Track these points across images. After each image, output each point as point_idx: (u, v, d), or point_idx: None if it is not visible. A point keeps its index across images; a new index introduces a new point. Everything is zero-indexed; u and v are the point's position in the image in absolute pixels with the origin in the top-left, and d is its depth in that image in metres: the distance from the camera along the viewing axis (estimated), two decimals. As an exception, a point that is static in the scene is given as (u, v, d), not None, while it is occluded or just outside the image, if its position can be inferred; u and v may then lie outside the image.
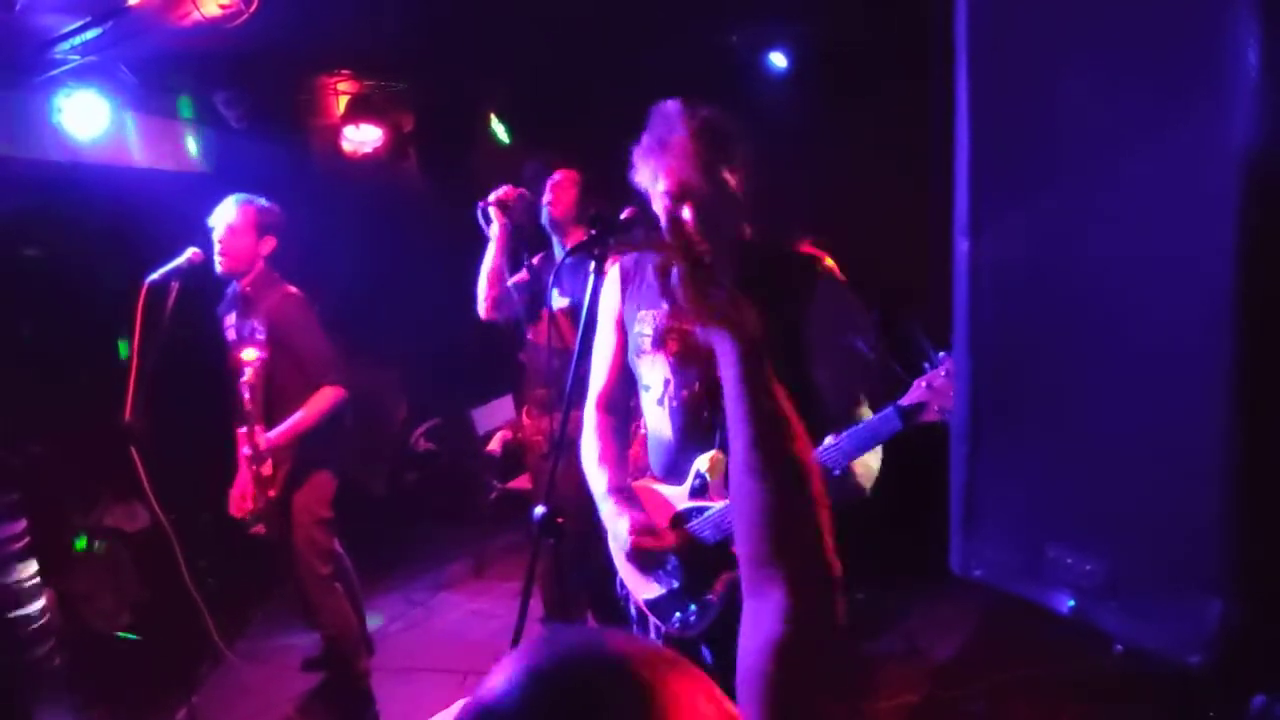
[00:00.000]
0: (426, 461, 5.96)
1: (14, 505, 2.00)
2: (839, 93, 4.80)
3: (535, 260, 3.43)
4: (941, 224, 1.02)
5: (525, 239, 3.48)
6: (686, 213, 1.92)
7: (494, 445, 5.21)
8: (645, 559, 2.05)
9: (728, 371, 1.07)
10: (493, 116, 5.45)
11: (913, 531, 2.52)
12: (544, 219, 3.34)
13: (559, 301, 3.27)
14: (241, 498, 3.38)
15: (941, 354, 1.71)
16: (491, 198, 3.28)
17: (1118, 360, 0.83)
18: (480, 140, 5.73)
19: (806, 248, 2.05)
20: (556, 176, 3.35)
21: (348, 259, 4.97)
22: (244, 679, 3.73)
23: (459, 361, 5.38)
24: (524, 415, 3.69)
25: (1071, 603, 0.90)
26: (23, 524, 2.02)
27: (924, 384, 1.73)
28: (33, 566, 2.01)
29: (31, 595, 2.00)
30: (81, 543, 3.24)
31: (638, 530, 2.00)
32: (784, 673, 0.87)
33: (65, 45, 3.28)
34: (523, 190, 3.30)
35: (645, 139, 1.96)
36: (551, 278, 3.28)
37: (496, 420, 5.40)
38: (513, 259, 3.44)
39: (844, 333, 1.99)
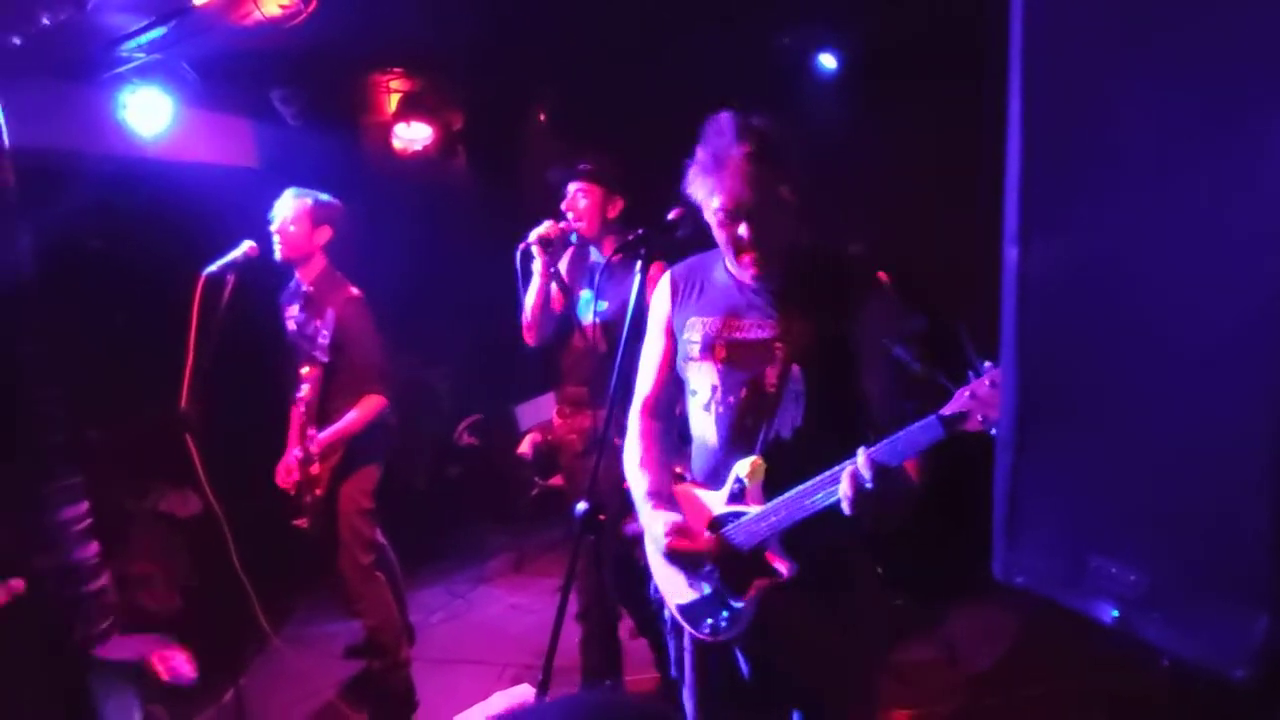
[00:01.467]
0: (469, 456, 6.03)
1: (78, 487, 2.09)
2: (889, 94, 4.76)
3: (565, 266, 3.38)
4: (991, 227, 1.01)
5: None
6: (743, 229, 1.95)
7: (524, 448, 5.16)
8: (681, 560, 2.07)
9: None
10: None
11: (955, 537, 2.50)
12: (574, 239, 3.32)
13: (597, 306, 3.23)
14: (287, 471, 3.49)
15: (986, 364, 1.68)
16: (533, 236, 3.22)
17: (1166, 371, 0.83)
18: (529, 139, 5.78)
19: (860, 255, 2.06)
20: (570, 192, 3.29)
21: (397, 254, 5.05)
22: (289, 664, 3.82)
23: (504, 357, 5.43)
24: (555, 415, 3.68)
25: (1115, 613, 0.89)
26: (86, 505, 2.10)
27: (967, 393, 1.70)
28: (95, 546, 2.10)
29: (95, 573, 2.08)
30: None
31: (673, 531, 2.02)
32: None
33: (131, 44, 3.39)
34: (565, 225, 3.25)
35: (700, 154, 1.97)
36: (594, 284, 3.28)
37: (539, 417, 5.43)
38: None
39: (894, 342, 1.98)
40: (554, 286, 3.34)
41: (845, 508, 1.79)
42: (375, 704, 3.65)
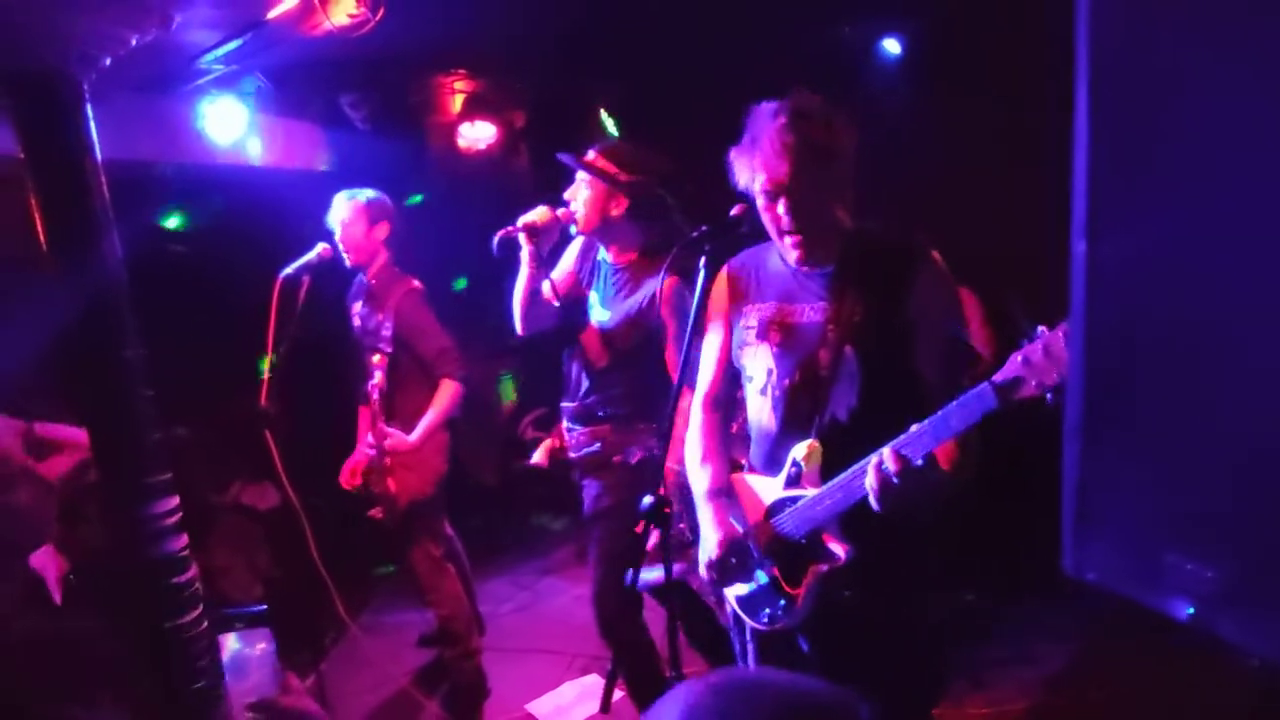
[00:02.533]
0: (534, 450, 6.09)
1: (169, 483, 2.19)
2: (954, 80, 4.67)
3: (573, 262, 3.12)
4: (1057, 214, 1.00)
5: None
6: (781, 207, 1.93)
7: (539, 458, 4.84)
8: (727, 575, 2.10)
9: None
10: (602, 112, 5.52)
11: (1025, 532, 2.46)
12: (574, 230, 2.98)
13: (598, 315, 3.02)
14: (352, 473, 3.59)
15: (1040, 328, 1.63)
16: (520, 223, 2.88)
17: (1244, 365, 0.81)
18: (590, 137, 5.82)
19: (912, 237, 2.03)
20: (575, 183, 2.93)
21: (462, 251, 5.14)
22: (365, 652, 3.94)
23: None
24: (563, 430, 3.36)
25: (1190, 610, 0.88)
26: (176, 500, 2.21)
27: (1020, 358, 1.64)
28: (184, 539, 2.20)
29: (185, 565, 2.19)
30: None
31: (725, 545, 2.07)
32: None
33: (209, 57, 3.52)
34: (557, 214, 2.92)
35: (742, 139, 1.98)
36: (596, 287, 3.04)
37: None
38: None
39: (948, 324, 1.96)
40: (548, 283, 2.96)
41: (872, 502, 1.78)
42: (448, 691, 3.74)
